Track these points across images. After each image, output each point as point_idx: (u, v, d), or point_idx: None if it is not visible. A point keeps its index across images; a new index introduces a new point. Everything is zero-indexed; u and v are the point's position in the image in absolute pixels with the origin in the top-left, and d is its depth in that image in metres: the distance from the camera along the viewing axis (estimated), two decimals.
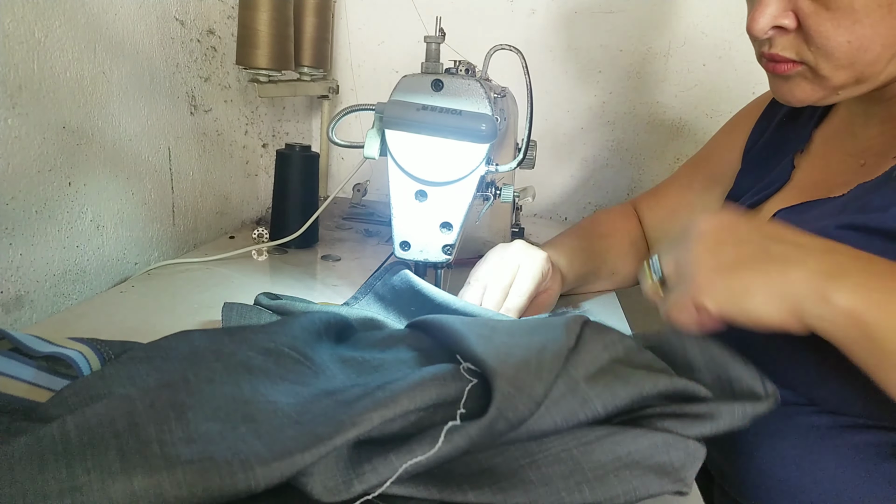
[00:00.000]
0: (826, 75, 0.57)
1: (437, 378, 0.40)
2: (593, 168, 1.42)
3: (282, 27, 1.01)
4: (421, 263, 0.73)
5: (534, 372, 0.39)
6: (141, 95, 0.83)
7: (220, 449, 0.35)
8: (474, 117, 0.63)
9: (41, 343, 0.49)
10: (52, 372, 0.49)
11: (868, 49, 0.54)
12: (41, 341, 0.50)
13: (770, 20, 0.56)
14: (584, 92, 1.37)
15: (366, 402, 0.38)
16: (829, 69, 0.57)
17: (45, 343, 0.50)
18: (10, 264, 0.66)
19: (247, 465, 0.34)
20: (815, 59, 0.57)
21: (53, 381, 0.48)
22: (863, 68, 0.56)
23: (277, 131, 1.26)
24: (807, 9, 0.55)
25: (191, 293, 0.79)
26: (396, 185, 0.68)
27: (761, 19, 0.56)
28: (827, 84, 0.58)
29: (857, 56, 0.55)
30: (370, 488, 0.36)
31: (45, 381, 0.48)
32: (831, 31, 0.54)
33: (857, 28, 0.53)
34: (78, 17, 0.70)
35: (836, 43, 0.54)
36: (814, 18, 0.55)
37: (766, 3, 0.56)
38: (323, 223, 1.10)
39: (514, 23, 1.34)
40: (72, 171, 0.72)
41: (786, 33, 0.57)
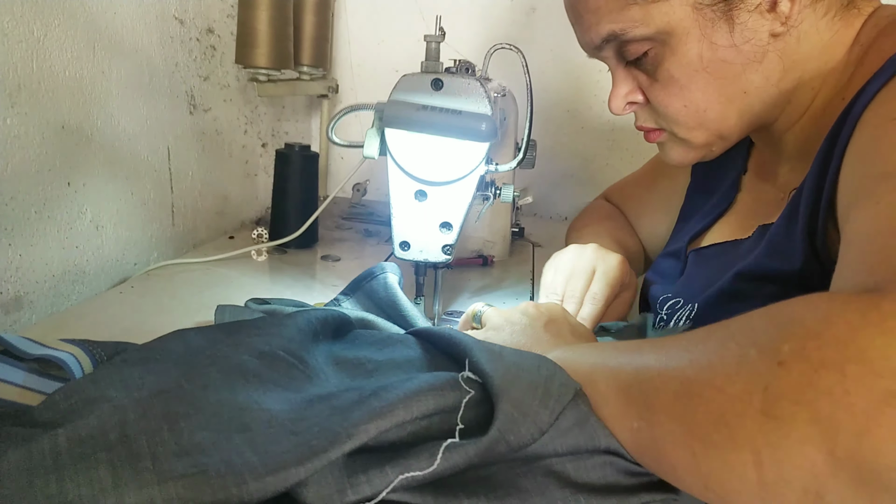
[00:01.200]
0: (685, 138, 0.61)
1: (435, 388, 0.39)
2: (593, 168, 1.41)
3: (281, 26, 1.01)
4: (421, 263, 0.73)
5: (539, 398, 0.38)
6: (140, 95, 0.83)
7: (214, 461, 0.35)
8: (474, 117, 0.63)
9: (32, 345, 0.49)
10: (43, 374, 0.48)
11: (707, 108, 0.58)
12: (32, 343, 0.49)
13: (623, 99, 0.62)
14: (584, 91, 1.36)
15: (361, 412, 0.38)
16: (684, 132, 0.61)
17: (36, 345, 0.49)
18: (9, 265, 0.66)
19: (240, 480, 0.33)
20: (668, 125, 0.61)
21: (45, 383, 0.47)
22: (715, 126, 0.59)
23: (277, 131, 1.26)
24: (645, 83, 0.60)
25: (190, 293, 0.79)
26: (396, 184, 0.68)
27: (615, 99, 0.63)
28: (692, 145, 0.62)
29: (700, 117, 0.58)
30: (363, 498, 0.35)
31: (35, 383, 0.47)
32: (666, 99, 0.59)
33: (686, 93, 0.57)
34: (77, 15, 0.70)
35: (674, 109, 0.59)
36: (650, 92, 0.60)
37: (618, 85, 0.62)
38: (322, 223, 1.10)
39: (514, 22, 1.34)
40: (71, 170, 0.72)
41: (642, 107, 0.63)
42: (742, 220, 0.68)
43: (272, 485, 0.34)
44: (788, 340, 0.30)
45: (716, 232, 0.71)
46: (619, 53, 0.59)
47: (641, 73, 0.60)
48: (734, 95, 0.57)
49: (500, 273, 0.99)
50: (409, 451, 0.37)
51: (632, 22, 0.55)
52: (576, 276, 0.69)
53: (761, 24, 0.53)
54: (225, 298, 0.77)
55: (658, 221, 0.87)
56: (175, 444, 0.36)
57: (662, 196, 0.87)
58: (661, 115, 0.61)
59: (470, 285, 0.91)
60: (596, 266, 0.70)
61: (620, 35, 0.56)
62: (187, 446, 0.36)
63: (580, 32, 0.62)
